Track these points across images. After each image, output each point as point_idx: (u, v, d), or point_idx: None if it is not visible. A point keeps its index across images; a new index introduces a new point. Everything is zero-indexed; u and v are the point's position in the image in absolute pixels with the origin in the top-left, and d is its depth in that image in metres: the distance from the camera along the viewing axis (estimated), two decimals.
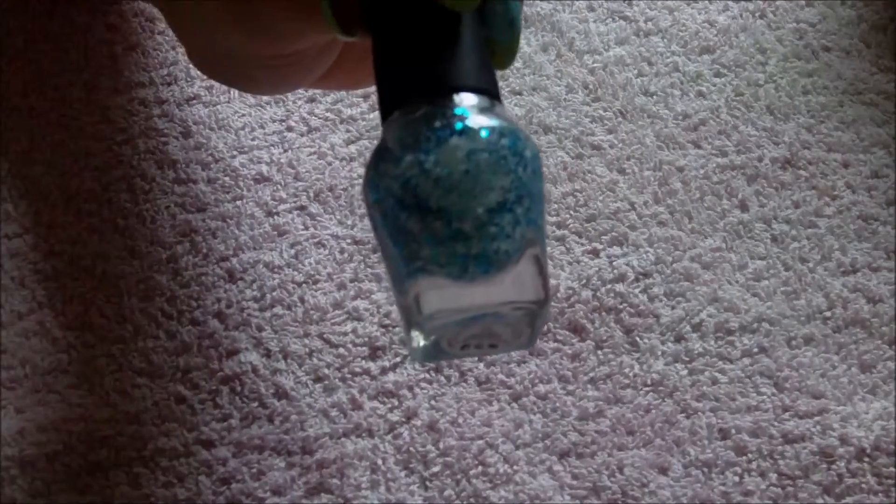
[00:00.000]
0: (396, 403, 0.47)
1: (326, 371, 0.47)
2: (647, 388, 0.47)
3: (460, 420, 0.46)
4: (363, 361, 0.48)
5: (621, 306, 0.49)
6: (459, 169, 0.34)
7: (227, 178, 0.53)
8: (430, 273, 0.34)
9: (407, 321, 0.36)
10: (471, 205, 0.34)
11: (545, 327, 0.49)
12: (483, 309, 0.35)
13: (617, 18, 0.59)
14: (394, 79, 0.36)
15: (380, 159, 0.35)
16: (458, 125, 0.34)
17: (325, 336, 0.48)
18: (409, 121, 0.35)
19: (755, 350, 0.48)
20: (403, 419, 0.46)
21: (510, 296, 0.35)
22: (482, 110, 0.35)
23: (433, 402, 0.47)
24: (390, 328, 0.48)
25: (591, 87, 0.57)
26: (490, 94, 0.35)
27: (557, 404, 0.47)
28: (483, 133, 0.34)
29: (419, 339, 0.36)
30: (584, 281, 0.50)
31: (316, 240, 0.51)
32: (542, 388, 0.47)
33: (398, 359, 0.48)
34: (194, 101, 0.55)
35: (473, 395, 0.47)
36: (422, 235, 0.34)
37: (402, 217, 0.34)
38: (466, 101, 0.35)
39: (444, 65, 0.35)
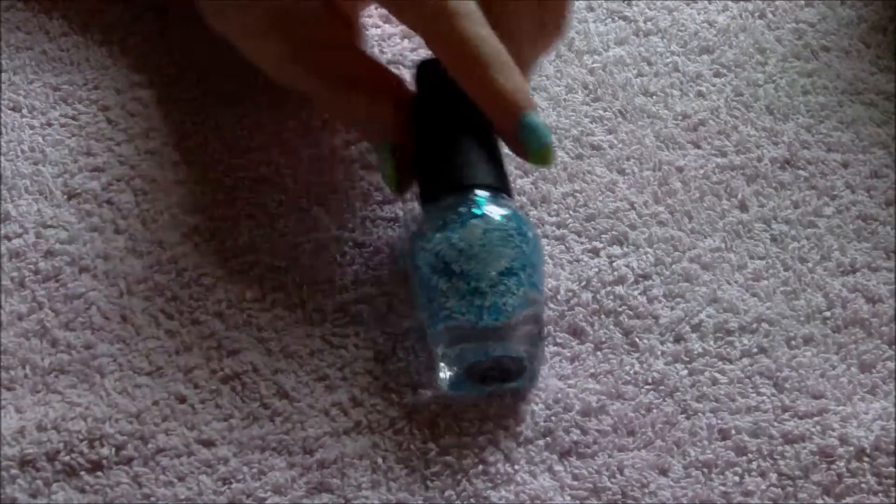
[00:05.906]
0: (397, 401, 0.47)
1: (328, 371, 0.47)
2: (647, 388, 0.47)
3: (461, 417, 0.46)
4: (364, 362, 0.48)
5: (620, 308, 0.49)
6: (477, 243, 0.45)
7: (227, 179, 0.53)
8: (454, 319, 0.45)
9: (435, 355, 0.46)
10: (486, 269, 0.45)
11: (545, 330, 0.49)
12: (491, 348, 0.45)
13: (616, 18, 0.59)
14: (430, 180, 0.47)
15: (417, 237, 0.46)
16: (476, 210, 0.46)
17: (326, 338, 0.48)
18: (439, 208, 0.46)
19: (755, 350, 0.48)
20: (404, 417, 0.46)
21: (509, 343, 0.45)
22: (495, 201, 0.46)
23: (433, 401, 0.47)
24: (392, 333, 0.48)
25: (590, 87, 0.57)
26: (501, 190, 0.47)
27: (559, 396, 0.47)
28: (495, 217, 0.45)
29: (445, 370, 0.46)
30: (584, 283, 0.50)
31: (317, 242, 0.51)
32: (542, 385, 0.47)
33: (401, 363, 0.48)
34: None
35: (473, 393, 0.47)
36: (448, 292, 0.45)
37: (434, 279, 0.45)
38: (482, 194, 0.46)
39: (465, 168, 0.47)
